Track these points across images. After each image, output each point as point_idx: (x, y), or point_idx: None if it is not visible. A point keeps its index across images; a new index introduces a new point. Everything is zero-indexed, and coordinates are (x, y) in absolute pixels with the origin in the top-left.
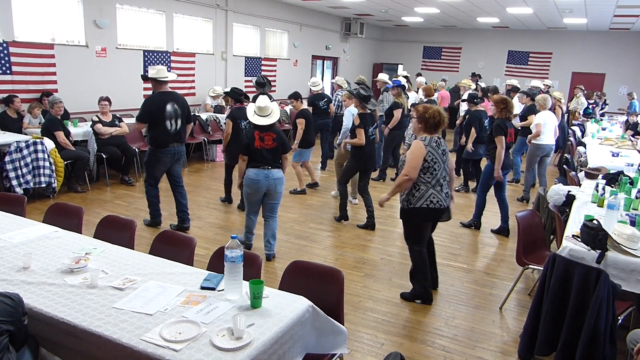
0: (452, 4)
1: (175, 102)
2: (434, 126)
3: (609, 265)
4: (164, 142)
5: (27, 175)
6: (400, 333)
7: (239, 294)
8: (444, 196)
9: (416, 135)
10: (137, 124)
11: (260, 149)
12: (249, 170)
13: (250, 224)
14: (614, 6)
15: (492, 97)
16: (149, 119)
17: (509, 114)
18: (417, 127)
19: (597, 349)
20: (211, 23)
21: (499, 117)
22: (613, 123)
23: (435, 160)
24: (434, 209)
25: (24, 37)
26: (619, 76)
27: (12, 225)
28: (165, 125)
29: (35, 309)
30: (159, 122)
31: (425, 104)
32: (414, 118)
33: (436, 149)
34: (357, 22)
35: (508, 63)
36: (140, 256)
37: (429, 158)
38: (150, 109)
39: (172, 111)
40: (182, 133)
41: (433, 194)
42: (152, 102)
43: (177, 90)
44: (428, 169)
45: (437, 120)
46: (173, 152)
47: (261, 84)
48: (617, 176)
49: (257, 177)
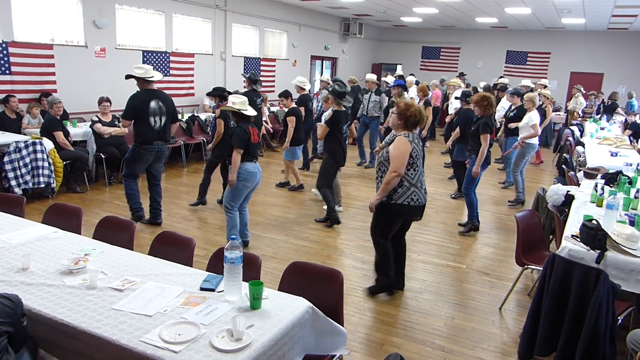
0: (450, 4)
1: (161, 99)
2: (414, 124)
3: (608, 265)
4: (148, 139)
5: (26, 176)
6: (399, 334)
7: (239, 295)
8: (423, 193)
9: (395, 131)
10: (122, 122)
11: (254, 144)
12: (247, 165)
13: (236, 220)
14: (612, 6)
15: (472, 98)
16: (133, 115)
17: (493, 110)
18: (397, 123)
19: (597, 349)
20: (210, 23)
21: (484, 115)
22: (612, 123)
23: (418, 157)
24: (414, 206)
25: (23, 37)
26: (618, 76)
27: (11, 225)
28: (149, 121)
29: (34, 310)
30: (143, 119)
31: (406, 101)
32: (394, 114)
33: (418, 144)
34: (356, 22)
35: (507, 63)
36: (139, 257)
37: (413, 154)
38: (134, 105)
39: (156, 108)
40: (166, 131)
41: (414, 192)
42: (136, 98)
43: (176, 90)
44: (412, 165)
45: (417, 119)
46: (156, 149)
47: (254, 80)
48: (616, 176)
49: (255, 170)
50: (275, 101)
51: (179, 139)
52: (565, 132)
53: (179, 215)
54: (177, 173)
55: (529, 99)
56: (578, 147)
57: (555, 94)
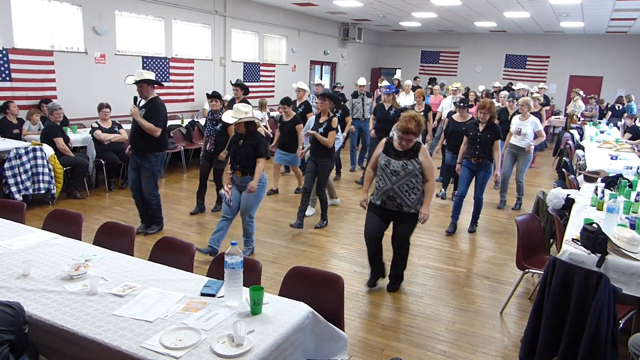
0: (449, 8)
1: None
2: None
3: (609, 269)
4: (166, 144)
5: (26, 182)
6: (400, 338)
7: (239, 301)
8: None
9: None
10: (156, 130)
11: None
12: (264, 173)
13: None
14: (611, 10)
15: (478, 105)
16: (164, 123)
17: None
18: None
19: (598, 353)
20: (210, 29)
21: (492, 122)
22: (611, 126)
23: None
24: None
25: (24, 44)
26: (617, 79)
27: (12, 232)
28: (166, 127)
29: (34, 316)
30: (165, 125)
31: (415, 114)
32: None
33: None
34: (355, 27)
35: (506, 67)
36: (140, 263)
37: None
38: (164, 113)
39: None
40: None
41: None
42: (162, 105)
43: (176, 95)
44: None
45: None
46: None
47: (244, 87)
48: (616, 179)
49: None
50: (274, 106)
51: (179, 145)
52: (565, 135)
53: (179, 220)
54: (177, 178)
55: (526, 103)
56: (578, 150)
57: (555, 98)
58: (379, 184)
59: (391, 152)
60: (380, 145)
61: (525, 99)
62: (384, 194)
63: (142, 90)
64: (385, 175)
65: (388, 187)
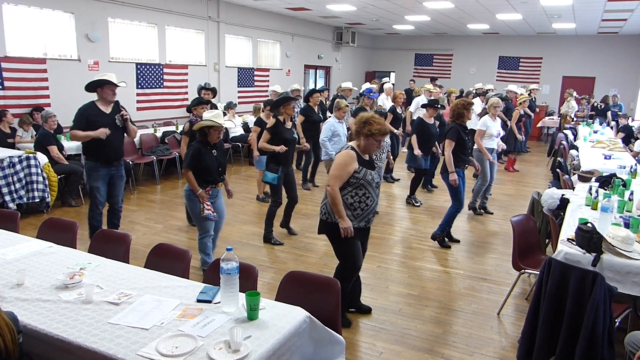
0: (442, 11)
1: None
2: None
3: (604, 268)
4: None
5: (20, 191)
6: (398, 341)
7: (236, 306)
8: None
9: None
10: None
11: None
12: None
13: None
14: (602, 11)
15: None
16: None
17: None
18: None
19: (595, 352)
20: (203, 35)
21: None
22: (604, 126)
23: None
24: None
25: (16, 52)
26: (609, 79)
27: (6, 241)
28: None
29: (29, 326)
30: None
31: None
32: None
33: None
34: (349, 31)
35: (499, 69)
36: (135, 270)
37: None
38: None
39: None
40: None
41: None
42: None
43: (170, 102)
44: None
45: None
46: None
47: (215, 91)
48: (610, 179)
49: None
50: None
51: (174, 151)
52: (559, 136)
53: (175, 227)
54: (172, 185)
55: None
56: (572, 150)
57: (548, 99)
58: (366, 203)
59: (365, 164)
60: (351, 158)
61: (495, 99)
62: (371, 212)
63: (113, 94)
64: (372, 191)
65: (375, 203)
